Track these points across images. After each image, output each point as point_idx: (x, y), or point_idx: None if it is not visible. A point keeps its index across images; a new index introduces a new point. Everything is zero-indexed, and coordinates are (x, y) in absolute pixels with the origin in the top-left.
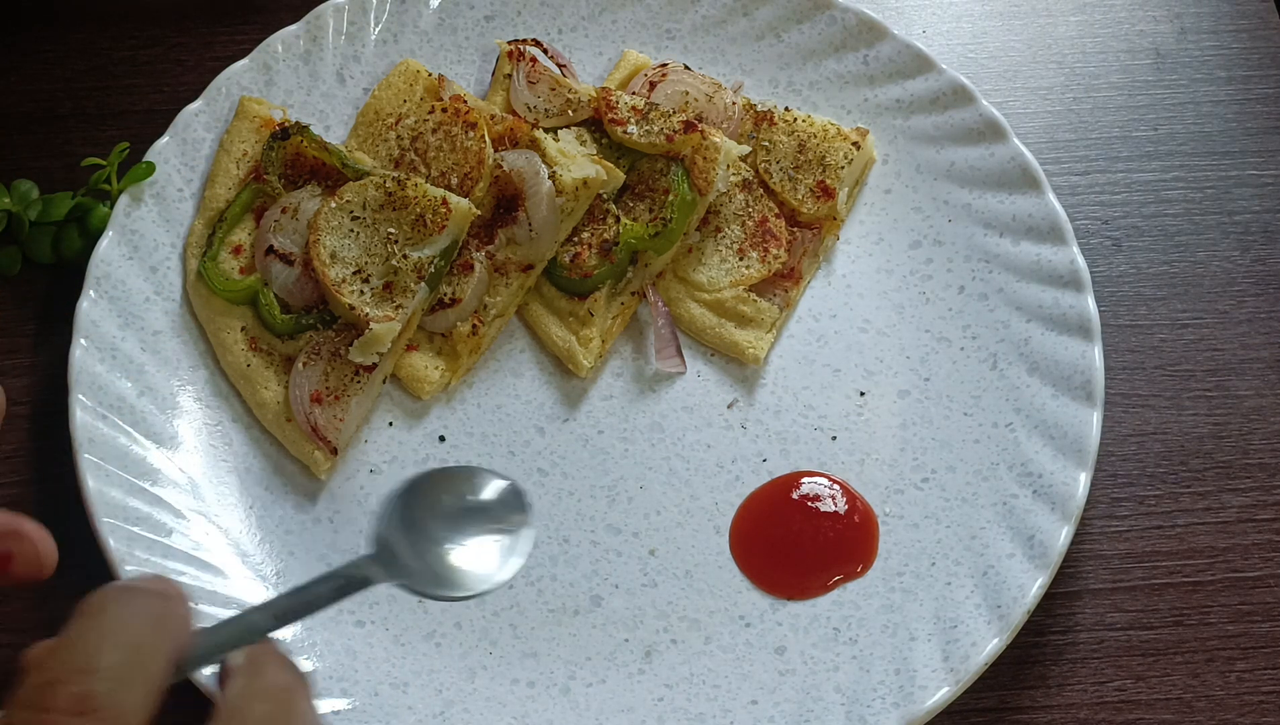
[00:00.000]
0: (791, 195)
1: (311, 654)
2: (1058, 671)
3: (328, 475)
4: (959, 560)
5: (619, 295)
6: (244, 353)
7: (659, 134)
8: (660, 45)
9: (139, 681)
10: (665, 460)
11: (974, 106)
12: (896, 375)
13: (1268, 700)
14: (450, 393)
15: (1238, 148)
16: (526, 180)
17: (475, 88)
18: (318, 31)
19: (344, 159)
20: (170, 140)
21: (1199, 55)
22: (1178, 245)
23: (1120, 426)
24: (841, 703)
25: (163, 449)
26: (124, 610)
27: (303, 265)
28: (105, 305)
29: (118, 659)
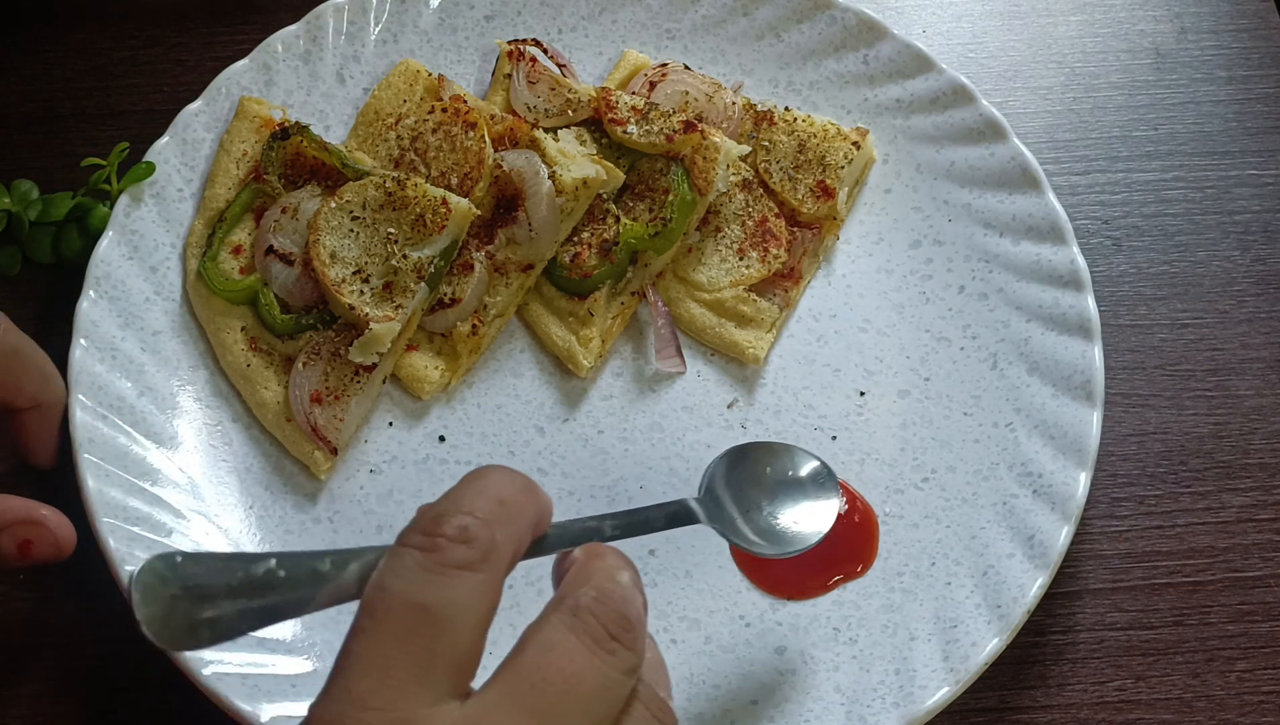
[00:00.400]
0: (791, 195)
1: (311, 654)
2: (1058, 671)
3: (328, 475)
4: (959, 560)
5: (619, 295)
6: (244, 353)
7: (659, 134)
8: (660, 45)
9: (509, 528)
10: (665, 460)
11: (974, 106)
12: (896, 375)
13: (1268, 700)
14: (450, 393)
15: (1238, 148)
16: (526, 180)
17: (475, 88)
18: (318, 31)
19: (344, 159)
20: (170, 140)
21: (1199, 55)
22: (1178, 245)
23: (1120, 426)
24: (841, 703)
25: (163, 449)
26: (500, 477)
27: (303, 265)
28: (105, 305)
29: (493, 508)
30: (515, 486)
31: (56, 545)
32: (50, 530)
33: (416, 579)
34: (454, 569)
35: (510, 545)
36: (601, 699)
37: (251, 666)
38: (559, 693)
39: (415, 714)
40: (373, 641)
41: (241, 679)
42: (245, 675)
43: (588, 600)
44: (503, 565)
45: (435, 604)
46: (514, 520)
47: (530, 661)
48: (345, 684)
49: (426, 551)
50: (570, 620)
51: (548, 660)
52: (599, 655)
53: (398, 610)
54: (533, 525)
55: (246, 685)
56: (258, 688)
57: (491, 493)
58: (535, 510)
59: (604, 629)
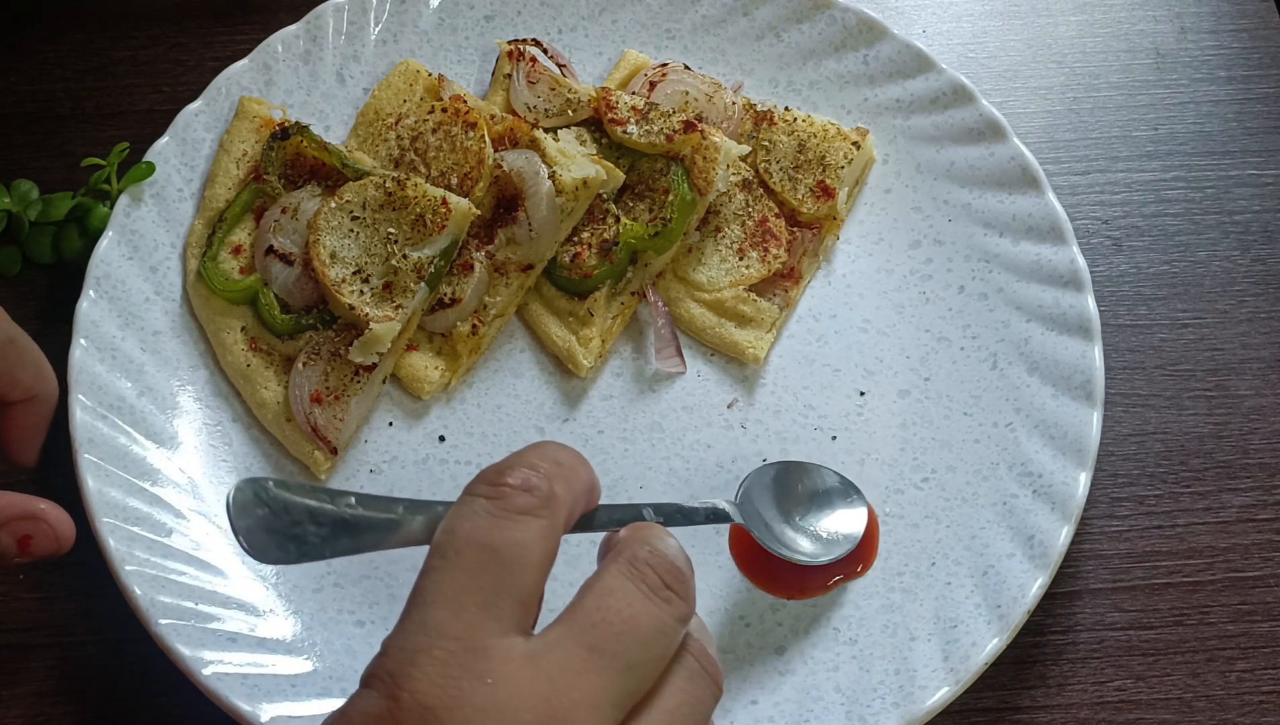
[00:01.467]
0: (791, 195)
1: (311, 654)
2: (1058, 671)
3: (328, 475)
4: (959, 560)
5: (619, 295)
6: (244, 353)
7: (659, 134)
8: (660, 45)
9: (567, 484)
10: (665, 460)
11: (974, 106)
12: (896, 375)
13: (1268, 700)
14: (450, 393)
15: (1238, 148)
16: (526, 180)
17: (475, 88)
18: (318, 31)
19: (344, 159)
20: (170, 140)
21: (1199, 55)
22: (1178, 245)
23: (1120, 426)
24: (841, 703)
25: (163, 449)
26: (556, 445)
27: (303, 265)
28: (105, 305)
29: (552, 467)
30: (571, 453)
31: (56, 540)
32: (50, 525)
33: (483, 522)
34: (517, 513)
35: (568, 498)
36: (656, 641)
37: (251, 666)
38: (617, 632)
39: (486, 643)
40: (444, 578)
41: (241, 679)
42: (245, 675)
43: (644, 553)
44: (561, 514)
45: (501, 544)
46: (570, 479)
47: (591, 604)
48: (420, 616)
49: (492, 499)
50: (628, 569)
51: (607, 604)
52: (654, 601)
53: (466, 550)
54: (587, 490)
55: (246, 685)
56: (258, 688)
57: (550, 454)
58: (589, 478)
59: (659, 578)
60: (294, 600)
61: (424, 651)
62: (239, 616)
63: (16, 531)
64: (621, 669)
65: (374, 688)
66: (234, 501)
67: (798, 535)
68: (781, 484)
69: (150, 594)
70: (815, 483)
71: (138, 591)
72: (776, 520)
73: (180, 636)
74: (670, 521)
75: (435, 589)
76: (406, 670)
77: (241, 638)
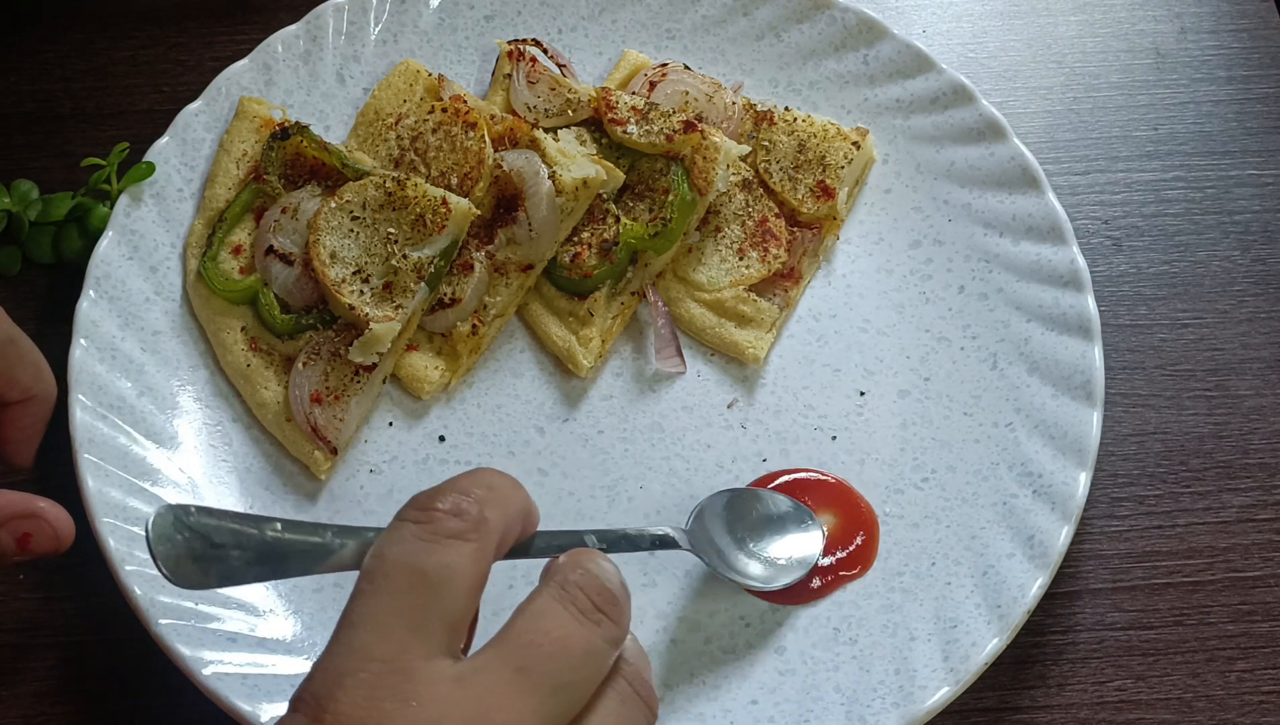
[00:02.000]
0: (791, 195)
1: (311, 654)
2: (1058, 671)
3: (328, 475)
4: (959, 560)
5: (619, 295)
6: (244, 353)
7: (659, 134)
8: (660, 45)
9: (498, 508)
10: (665, 460)
11: (974, 106)
12: (896, 375)
13: (1268, 700)
14: (450, 393)
15: (1238, 148)
16: (526, 180)
17: (475, 88)
18: (318, 31)
19: (344, 159)
20: (170, 140)
21: (1199, 55)
22: (1178, 245)
23: (1120, 426)
24: (841, 703)
25: (163, 449)
26: (493, 473)
27: (303, 265)
28: (105, 305)
29: (484, 492)
30: (505, 479)
31: (55, 538)
32: (49, 523)
33: (412, 546)
34: (447, 538)
35: (500, 523)
36: (586, 663)
37: (251, 666)
38: (546, 654)
39: (413, 665)
40: (372, 602)
41: (241, 679)
42: (245, 675)
43: (576, 576)
44: (492, 539)
45: (430, 567)
46: (503, 504)
47: (521, 627)
48: (347, 639)
49: (421, 523)
50: (559, 593)
51: (537, 625)
52: (584, 624)
53: (395, 573)
54: (521, 517)
55: (246, 685)
56: (258, 688)
57: (483, 480)
58: (523, 503)
59: (590, 601)
60: (294, 600)
61: (350, 674)
62: (239, 616)
63: (16, 530)
64: (550, 690)
65: (300, 710)
66: (153, 527)
67: (750, 561)
68: (735, 510)
69: (150, 594)
70: (769, 508)
71: (138, 591)
72: (729, 546)
73: (180, 636)
74: (613, 548)
75: (363, 612)
76: (332, 693)
77: (241, 638)
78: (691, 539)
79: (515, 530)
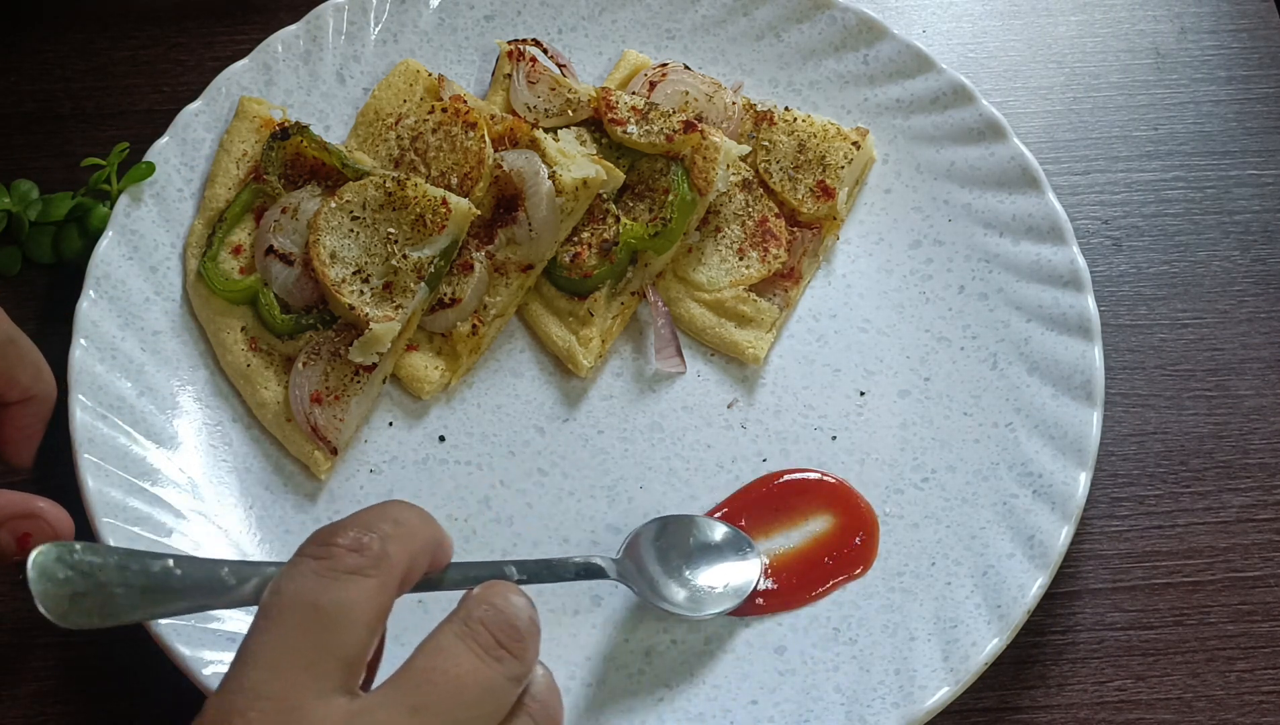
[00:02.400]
0: (791, 195)
1: None
2: (1058, 671)
3: (328, 475)
4: (959, 560)
5: (619, 295)
6: (244, 353)
7: (659, 134)
8: (660, 45)
9: (402, 544)
10: (665, 460)
11: (974, 106)
12: (896, 375)
13: (1268, 700)
14: (450, 393)
15: (1238, 148)
16: (526, 180)
17: (475, 88)
18: (318, 31)
19: (344, 159)
20: (170, 140)
21: (1199, 55)
22: (1178, 245)
23: (1120, 426)
24: (841, 703)
25: (163, 449)
26: (399, 504)
27: (303, 265)
28: (105, 305)
29: (390, 527)
30: (413, 514)
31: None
32: (49, 523)
33: (310, 582)
34: (346, 574)
35: (403, 559)
36: (484, 700)
37: None
38: (442, 692)
39: (304, 703)
40: (267, 638)
41: None
42: None
43: (480, 611)
44: (394, 576)
45: (327, 604)
46: (407, 539)
47: (419, 664)
48: (240, 675)
49: (320, 559)
50: (461, 628)
51: (434, 663)
52: (485, 661)
53: (291, 610)
54: (429, 551)
55: None
56: None
57: (390, 514)
58: (432, 537)
59: (492, 637)
60: None
61: (239, 712)
62: (239, 616)
63: (16, 530)
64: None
65: None
66: (33, 566)
67: (681, 589)
68: (669, 537)
69: None
70: (705, 536)
71: None
72: (660, 575)
73: (180, 636)
74: (535, 579)
75: (257, 649)
76: None
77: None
78: (621, 568)
79: (422, 565)
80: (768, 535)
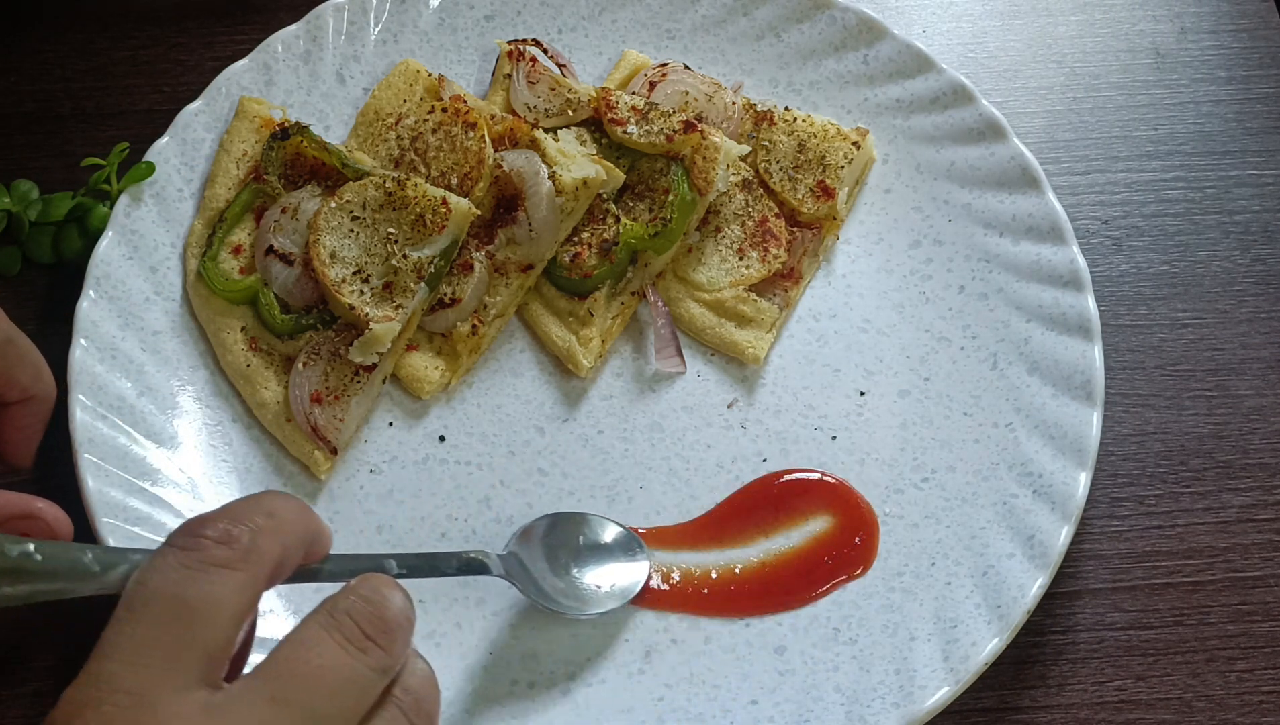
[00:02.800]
0: (791, 195)
1: None
2: (1058, 671)
3: (328, 475)
4: (959, 560)
5: (619, 295)
6: (244, 353)
7: (659, 134)
8: (660, 45)
9: (274, 537)
10: (665, 460)
11: (974, 106)
12: (896, 375)
13: (1268, 700)
14: (450, 393)
15: (1238, 148)
16: (526, 180)
17: (475, 88)
18: (318, 31)
19: (344, 159)
20: (170, 140)
21: (1199, 55)
22: (1178, 245)
23: (1120, 426)
24: (841, 703)
25: (163, 449)
26: (274, 495)
27: (303, 265)
28: (105, 305)
29: (263, 519)
30: (288, 505)
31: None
32: (48, 523)
33: (174, 574)
34: (212, 567)
35: (274, 553)
36: (346, 691)
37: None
38: (303, 683)
39: (161, 697)
40: (127, 630)
41: None
42: None
43: (348, 603)
44: (263, 570)
45: (191, 597)
46: (280, 532)
47: (282, 655)
48: (96, 668)
49: (187, 550)
50: (327, 619)
51: (298, 654)
52: (350, 652)
53: (154, 602)
54: (304, 544)
55: None
56: None
57: (263, 506)
58: (307, 530)
59: (358, 628)
60: (294, 600)
61: (92, 706)
62: None
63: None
64: (304, 720)
65: None
66: None
67: (566, 587)
68: (559, 534)
69: None
70: (595, 535)
71: None
72: (546, 573)
73: None
74: (415, 573)
75: (116, 642)
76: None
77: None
78: (506, 564)
79: (296, 558)
80: (768, 535)
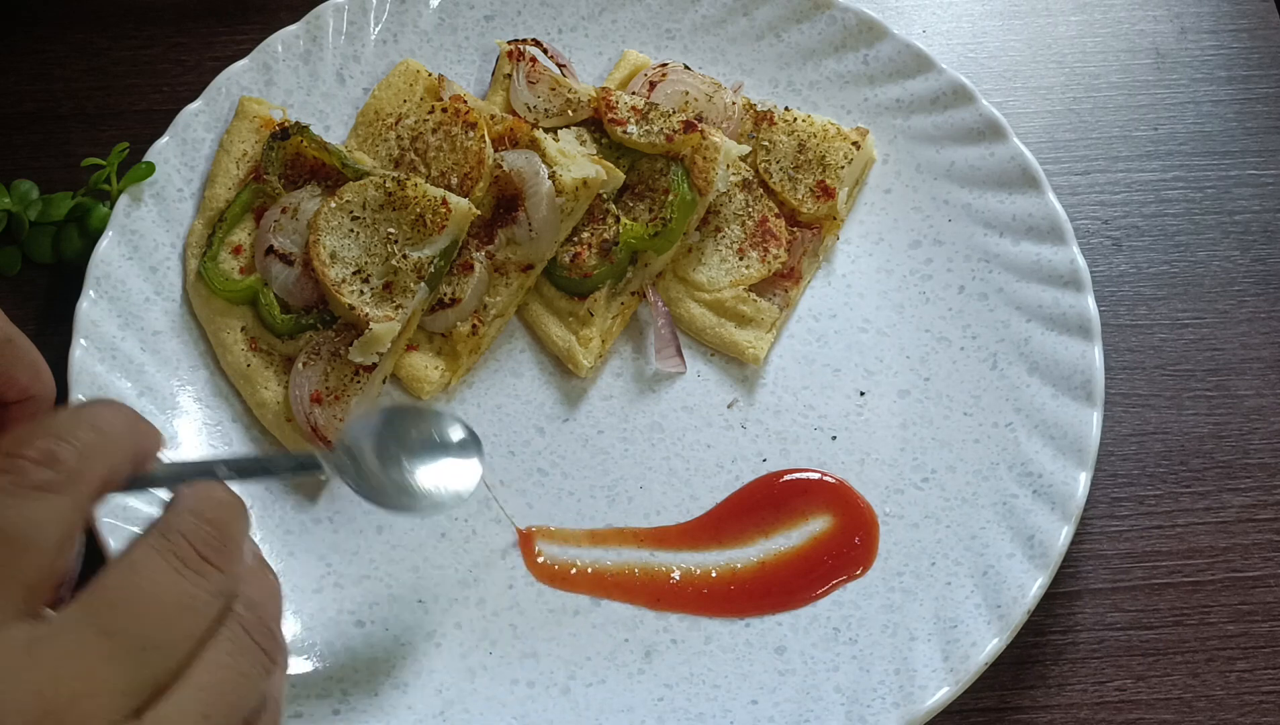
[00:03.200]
0: (791, 195)
1: (311, 654)
2: (1058, 671)
3: (327, 475)
4: (959, 560)
5: (619, 295)
6: (244, 353)
7: (659, 134)
8: (660, 45)
9: (99, 455)
10: (665, 460)
11: (974, 106)
12: (896, 375)
13: (1268, 700)
14: (450, 393)
15: (1238, 148)
16: (526, 180)
17: (475, 88)
18: (318, 31)
19: (344, 159)
20: (170, 140)
21: (1199, 55)
22: (1178, 245)
23: (1120, 426)
24: (841, 703)
25: None
26: (102, 407)
27: (303, 265)
28: (105, 305)
29: (89, 437)
30: (117, 417)
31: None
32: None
33: None
34: (33, 490)
35: (99, 471)
36: (181, 618)
37: None
38: (135, 612)
39: None
40: None
41: None
42: None
43: (180, 521)
44: (89, 491)
45: (8, 524)
46: (105, 448)
47: (110, 582)
48: None
49: (6, 473)
50: (158, 541)
51: (127, 581)
52: (185, 575)
53: None
54: (132, 457)
55: None
56: None
57: (86, 420)
58: (135, 442)
59: (193, 549)
60: (294, 600)
61: None
62: None
63: None
64: (136, 651)
65: None
66: None
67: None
68: (392, 430)
69: None
70: (430, 431)
71: None
72: (376, 469)
73: None
74: (245, 475)
75: None
76: None
77: None
78: (336, 460)
79: (124, 472)
80: (768, 535)
